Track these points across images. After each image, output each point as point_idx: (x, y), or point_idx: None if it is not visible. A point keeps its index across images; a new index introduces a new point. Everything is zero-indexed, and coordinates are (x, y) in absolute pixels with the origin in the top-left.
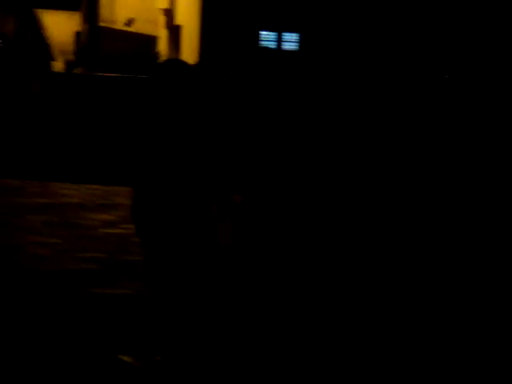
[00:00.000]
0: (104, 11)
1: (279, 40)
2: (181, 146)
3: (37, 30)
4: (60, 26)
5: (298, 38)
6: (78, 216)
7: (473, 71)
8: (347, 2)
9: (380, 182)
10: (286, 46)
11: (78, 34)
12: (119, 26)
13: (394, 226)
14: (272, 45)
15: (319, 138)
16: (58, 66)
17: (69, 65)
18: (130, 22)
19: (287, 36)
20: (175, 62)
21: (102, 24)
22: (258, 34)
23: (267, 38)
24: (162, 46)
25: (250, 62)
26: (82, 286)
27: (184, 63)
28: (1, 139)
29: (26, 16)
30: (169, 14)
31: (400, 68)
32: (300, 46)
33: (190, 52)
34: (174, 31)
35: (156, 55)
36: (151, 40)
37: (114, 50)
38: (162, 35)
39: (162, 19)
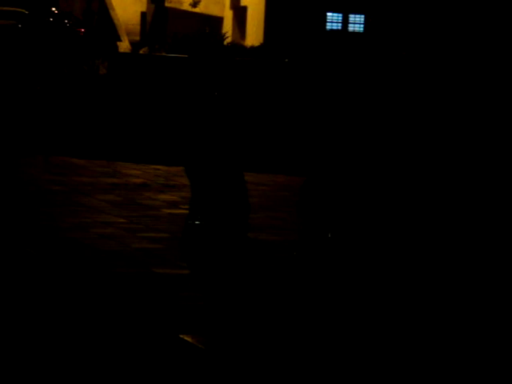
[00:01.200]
0: None
1: (345, 21)
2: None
3: (104, 10)
4: (126, 7)
5: (363, 19)
6: (141, 196)
7: None
8: None
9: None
10: (351, 28)
11: (144, 14)
12: (185, 6)
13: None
14: (337, 26)
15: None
16: (124, 46)
17: (135, 45)
18: (195, 3)
19: (352, 17)
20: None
21: (168, 4)
22: (325, 15)
23: (333, 19)
24: (228, 27)
25: (316, 44)
26: (145, 265)
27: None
28: (68, 118)
29: None
30: None
31: (466, 50)
32: (365, 28)
33: (255, 33)
34: (240, 12)
35: (222, 36)
36: (217, 21)
37: (180, 31)
38: (228, 16)
39: (227, 0)
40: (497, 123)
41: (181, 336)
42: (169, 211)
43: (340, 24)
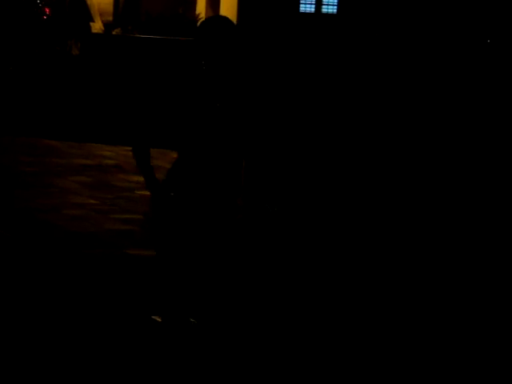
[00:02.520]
0: None
1: (318, 3)
2: (223, 106)
3: None
4: None
5: (336, 0)
6: (114, 178)
7: None
8: None
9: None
10: (325, 10)
11: None
12: None
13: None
14: (311, 8)
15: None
16: (97, 26)
17: (108, 26)
18: None
19: None
20: (221, 18)
21: None
22: None
23: (306, 0)
24: (201, 8)
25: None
26: (118, 246)
27: (227, 19)
28: (40, 99)
29: None
30: None
31: (441, 34)
32: (338, 10)
33: (228, 14)
34: None
35: (196, 17)
36: (190, 1)
37: (153, 12)
38: None
39: None
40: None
41: (153, 317)
42: (141, 192)
43: (313, 5)
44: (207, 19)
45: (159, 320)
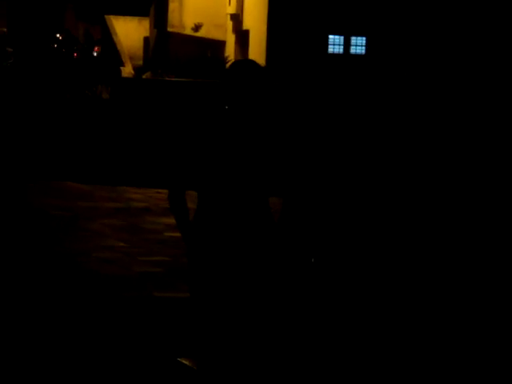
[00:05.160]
0: (172, 17)
1: (346, 44)
2: (246, 150)
3: (107, 36)
4: (129, 32)
5: (364, 41)
6: (143, 220)
7: None
8: (413, 4)
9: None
10: (353, 50)
11: (146, 39)
12: (187, 31)
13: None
14: (339, 49)
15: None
16: (127, 71)
17: (137, 70)
18: (197, 27)
19: (354, 40)
20: (248, 62)
21: (170, 29)
22: (327, 37)
23: (334, 41)
24: (230, 51)
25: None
26: (147, 289)
27: (256, 64)
28: (71, 143)
29: (98, 22)
30: (236, 18)
31: (468, 68)
32: (367, 50)
33: (257, 56)
34: (242, 36)
35: (224, 59)
36: (219, 44)
37: (183, 55)
38: (230, 40)
39: (229, 24)
40: (495, 142)
41: (179, 359)
42: (170, 234)
43: (342, 46)
44: (234, 62)
45: (186, 363)
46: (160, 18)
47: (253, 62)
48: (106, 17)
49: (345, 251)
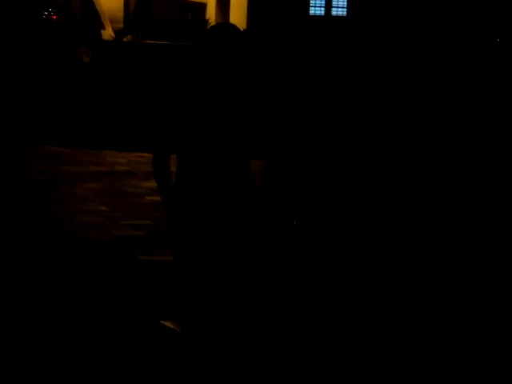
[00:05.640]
0: None
1: (328, 6)
2: (227, 113)
3: None
4: None
5: (346, 3)
6: (126, 184)
7: None
8: None
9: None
10: (334, 12)
11: (127, 2)
12: None
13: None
14: (320, 11)
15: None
16: (108, 34)
17: (118, 33)
18: None
19: (335, 2)
20: (227, 25)
21: None
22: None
23: (316, 3)
24: (211, 13)
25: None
26: (130, 252)
27: (235, 27)
28: (51, 108)
29: None
30: None
31: (449, 31)
32: (348, 12)
33: (238, 18)
34: None
35: (205, 22)
36: (200, 7)
37: (164, 18)
38: (211, 2)
39: None
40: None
41: (162, 322)
42: (153, 198)
43: (323, 8)
44: (213, 26)
45: (170, 326)
46: None
47: (232, 26)
48: None
49: (326, 213)
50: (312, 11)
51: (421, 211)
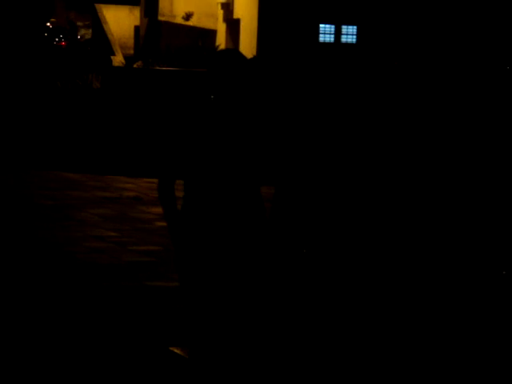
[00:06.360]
0: (163, 5)
1: (337, 33)
2: (232, 139)
3: (97, 24)
4: (120, 21)
5: (355, 30)
6: (134, 209)
7: None
8: None
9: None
10: (344, 39)
11: (137, 28)
12: (178, 20)
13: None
14: (330, 38)
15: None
16: (118, 60)
17: (128, 59)
18: (188, 16)
19: (345, 29)
20: (231, 51)
21: (161, 18)
22: (318, 26)
23: (325, 30)
24: (221, 40)
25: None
26: (138, 278)
27: (239, 53)
28: (61, 133)
29: (88, 11)
30: (227, 7)
31: (460, 60)
32: (358, 39)
33: (248, 45)
34: (233, 25)
35: (215, 49)
36: (210, 34)
37: (173, 44)
38: (221, 29)
39: (220, 13)
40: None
41: (170, 348)
42: (161, 224)
43: (333, 35)
44: (217, 52)
45: (178, 352)
46: (151, 6)
47: (236, 51)
48: (97, 5)
49: (336, 242)
50: (322, 38)
51: (424, 228)
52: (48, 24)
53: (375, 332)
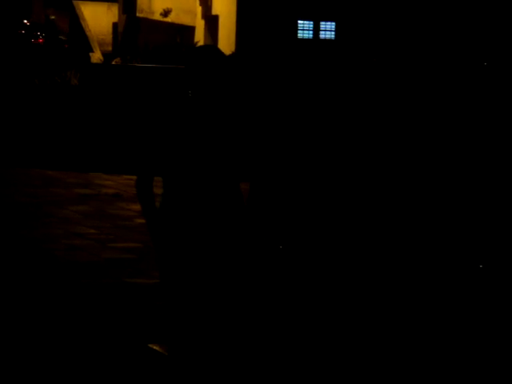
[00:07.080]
0: (141, 2)
1: (316, 29)
2: (211, 136)
3: (75, 21)
4: (98, 18)
5: (334, 26)
6: (114, 206)
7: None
8: None
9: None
10: (323, 35)
11: (115, 25)
12: (156, 16)
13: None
14: (308, 34)
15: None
16: (96, 57)
17: (107, 56)
18: (166, 13)
19: (323, 25)
20: (209, 48)
21: (139, 15)
22: (296, 23)
23: (304, 26)
24: (199, 37)
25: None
26: (117, 275)
27: (218, 50)
28: (40, 130)
29: (66, 8)
30: (205, 4)
31: (436, 55)
32: (336, 35)
33: (227, 42)
34: (211, 21)
35: (193, 45)
36: (188, 30)
37: (152, 41)
38: (199, 25)
39: (199, 9)
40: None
41: (149, 345)
42: (141, 221)
43: (311, 31)
44: (194, 48)
45: (157, 349)
46: (129, 3)
47: (214, 48)
48: (75, 2)
49: (312, 238)
50: (300, 34)
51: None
52: (25, 21)
53: (350, 325)
